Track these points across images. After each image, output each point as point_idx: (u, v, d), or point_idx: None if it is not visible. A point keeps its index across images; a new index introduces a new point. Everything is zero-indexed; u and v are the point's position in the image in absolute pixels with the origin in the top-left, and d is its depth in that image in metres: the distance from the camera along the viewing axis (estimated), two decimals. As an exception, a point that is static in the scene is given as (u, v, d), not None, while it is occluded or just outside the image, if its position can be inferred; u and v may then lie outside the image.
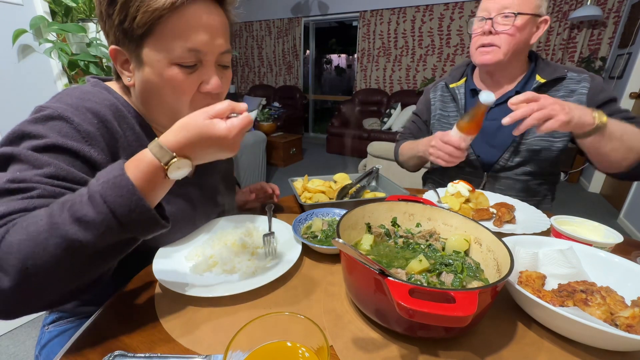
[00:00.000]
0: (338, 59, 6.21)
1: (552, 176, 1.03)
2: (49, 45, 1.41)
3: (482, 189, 1.00)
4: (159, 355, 0.38)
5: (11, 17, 1.32)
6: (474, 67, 1.08)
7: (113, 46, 0.50)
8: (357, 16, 4.78)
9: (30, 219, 0.35)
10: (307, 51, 5.63)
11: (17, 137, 0.44)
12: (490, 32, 0.90)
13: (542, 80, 0.92)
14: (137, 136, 0.55)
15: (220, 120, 0.41)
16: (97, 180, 0.37)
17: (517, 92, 0.95)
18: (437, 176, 1.17)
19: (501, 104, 0.99)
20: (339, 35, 5.93)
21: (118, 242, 0.39)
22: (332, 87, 6.35)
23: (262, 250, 0.63)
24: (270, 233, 0.66)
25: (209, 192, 0.70)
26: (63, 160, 0.43)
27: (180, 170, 0.41)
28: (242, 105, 0.43)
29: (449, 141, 0.85)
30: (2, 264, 0.33)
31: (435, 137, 0.90)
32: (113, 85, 0.58)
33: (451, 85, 1.09)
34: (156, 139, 0.41)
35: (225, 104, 0.42)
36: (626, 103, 2.82)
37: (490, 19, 0.89)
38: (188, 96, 0.52)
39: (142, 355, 0.38)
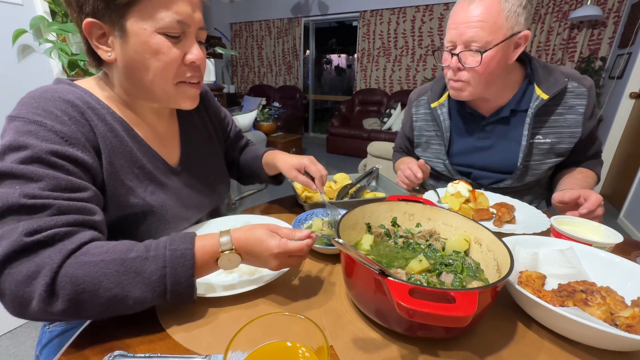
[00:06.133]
0: (338, 59, 6.21)
1: (549, 184, 1.03)
2: (49, 45, 1.41)
3: None
4: (159, 355, 0.38)
5: (11, 17, 1.32)
6: None
7: (89, 19, 0.48)
8: (357, 16, 4.78)
9: (89, 257, 0.40)
10: (307, 51, 5.63)
11: None
12: (458, 68, 0.83)
13: (545, 97, 0.84)
14: (110, 127, 0.53)
15: (278, 236, 0.47)
16: (169, 245, 0.43)
17: (513, 111, 0.89)
18: (433, 182, 1.13)
19: (493, 122, 0.93)
20: (339, 35, 5.93)
21: (150, 302, 0.43)
22: (332, 87, 6.35)
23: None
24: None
25: (198, 183, 0.69)
26: (54, 167, 0.43)
27: (229, 262, 0.47)
28: (304, 233, 0.49)
29: (411, 168, 0.92)
30: (59, 291, 0.38)
31: (407, 162, 0.95)
32: (81, 83, 0.57)
33: (432, 105, 1.00)
34: (231, 230, 0.48)
35: (290, 230, 0.49)
36: (626, 103, 2.82)
37: (456, 54, 0.81)
38: (173, 66, 0.52)
39: (142, 355, 0.38)
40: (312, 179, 0.73)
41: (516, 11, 0.76)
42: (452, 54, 0.82)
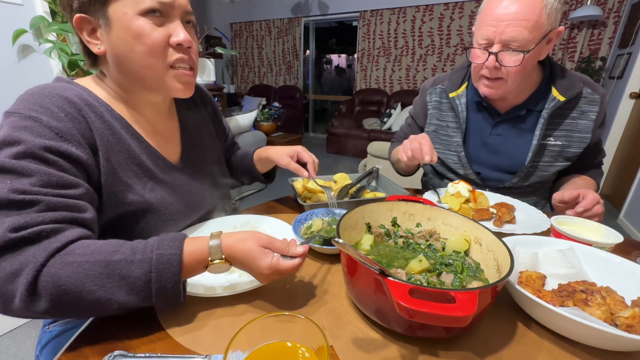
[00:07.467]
0: (338, 59, 6.21)
1: (553, 188, 1.02)
2: (49, 45, 1.41)
3: None
4: (159, 355, 0.38)
5: (11, 17, 1.32)
6: None
7: (78, 14, 0.50)
8: (357, 16, 4.78)
9: (74, 257, 0.39)
10: (307, 51, 5.63)
11: None
12: (495, 67, 0.79)
13: (562, 99, 0.84)
14: (107, 124, 0.53)
15: (271, 253, 0.45)
16: (157, 249, 0.42)
17: (528, 110, 0.89)
18: (436, 182, 1.13)
19: (507, 119, 0.92)
20: (339, 35, 5.93)
21: (135, 305, 0.42)
22: (332, 87, 6.35)
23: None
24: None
25: (199, 180, 0.69)
26: (47, 162, 0.43)
27: (218, 269, 0.46)
28: (298, 250, 0.47)
29: (421, 141, 0.80)
30: (41, 291, 0.37)
31: (415, 136, 0.84)
32: (80, 81, 0.57)
33: (451, 95, 0.98)
34: (222, 234, 0.46)
35: (284, 244, 0.47)
36: (626, 103, 2.82)
37: (494, 54, 0.77)
38: (158, 47, 0.52)
39: (142, 355, 0.38)
40: (306, 168, 0.77)
41: (557, 7, 0.74)
42: (489, 52, 0.78)
